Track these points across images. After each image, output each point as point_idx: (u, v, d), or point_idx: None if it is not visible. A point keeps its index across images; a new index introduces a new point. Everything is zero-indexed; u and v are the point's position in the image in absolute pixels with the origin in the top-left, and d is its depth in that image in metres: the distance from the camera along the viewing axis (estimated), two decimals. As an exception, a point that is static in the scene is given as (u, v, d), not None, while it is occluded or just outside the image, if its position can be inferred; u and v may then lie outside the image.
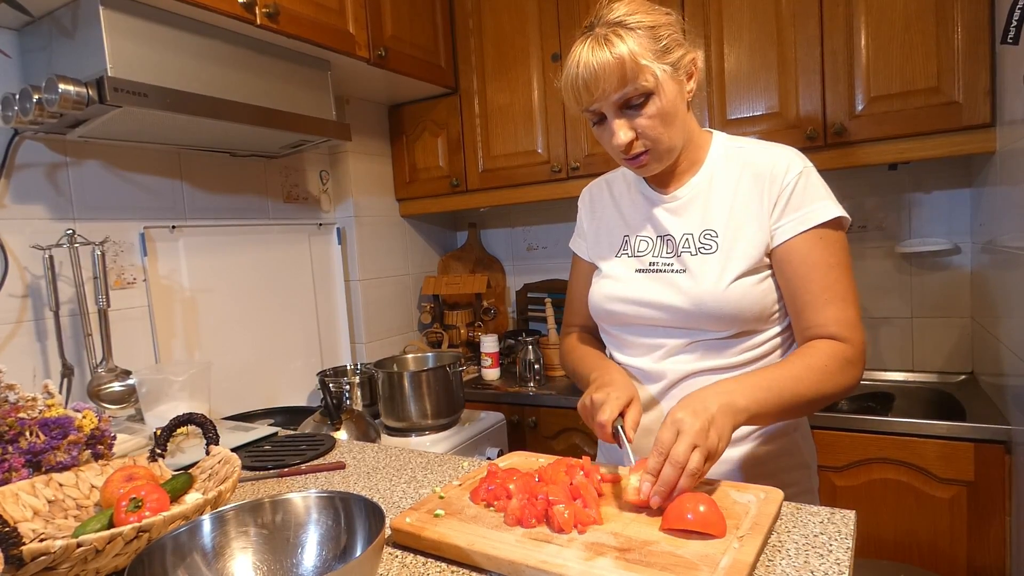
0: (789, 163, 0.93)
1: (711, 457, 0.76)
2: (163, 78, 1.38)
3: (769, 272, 0.95)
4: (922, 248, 1.89)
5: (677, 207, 1.00)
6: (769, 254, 0.94)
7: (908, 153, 1.64)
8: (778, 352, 0.99)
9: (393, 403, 1.77)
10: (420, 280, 2.60)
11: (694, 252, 0.96)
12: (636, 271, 1.01)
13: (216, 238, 1.83)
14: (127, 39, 1.33)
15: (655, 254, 1.00)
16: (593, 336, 1.17)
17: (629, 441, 0.84)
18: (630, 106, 0.90)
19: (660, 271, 0.98)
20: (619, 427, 0.86)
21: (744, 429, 0.97)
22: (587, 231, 1.14)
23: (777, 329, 0.97)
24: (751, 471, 0.97)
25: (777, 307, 0.96)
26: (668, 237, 0.99)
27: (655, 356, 1.00)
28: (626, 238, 1.05)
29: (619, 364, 1.05)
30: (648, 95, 0.89)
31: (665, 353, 0.99)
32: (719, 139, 1.02)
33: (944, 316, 1.92)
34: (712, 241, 0.95)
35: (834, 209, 0.91)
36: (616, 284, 1.02)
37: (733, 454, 0.98)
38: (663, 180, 1.02)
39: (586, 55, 0.88)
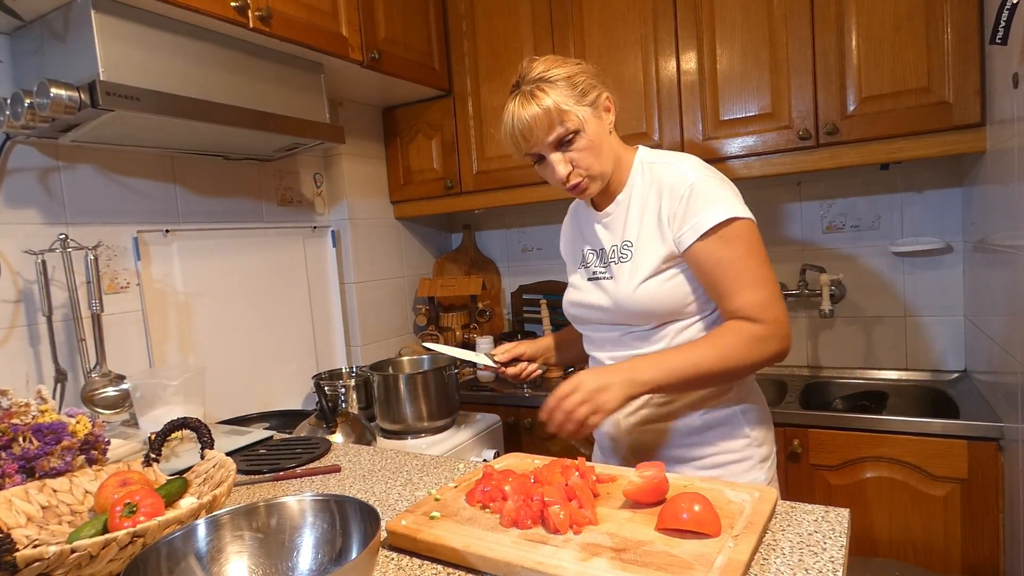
0: (682, 176, 1.05)
1: (598, 411, 0.94)
2: (155, 82, 1.38)
3: (677, 271, 1.07)
4: (914, 247, 1.90)
5: (608, 222, 1.16)
6: (683, 256, 1.06)
7: (900, 153, 1.65)
8: (703, 335, 1.09)
9: (389, 406, 1.77)
10: (415, 282, 2.60)
11: (617, 261, 1.13)
12: (588, 280, 1.19)
13: (210, 242, 1.83)
14: (119, 43, 1.33)
15: (596, 265, 1.18)
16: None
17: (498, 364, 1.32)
18: (562, 144, 1.05)
19: (598, 279, 1.16)
20: (487, 354, 1.33)
21: (687, 400, 1.11)
22: (564, 254, 1.35)
23: (697, 317, 1.10)
24: (689, 439, 1.12)
25: (691, 298, 1.08)
26: (603, 250, 1.17)
27: (603, 346, 1.19)
28: (583, 253, 1.23)
29: (590, 356, 1.25)
30: (576, 132, 1.04)
31: (608, 344, 1.17)
32: (640, 156, 1.15)
33: (937, 315, 1.93)
34: (628, 251, 1.11)
35: (723, 212, 1.00)
36: (574, 292, 1.22)
37: (672, 425, 1.13)
38: (599, 200, 1.19)
39: (518, 110, 1.05)
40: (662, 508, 0.74)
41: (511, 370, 1.33)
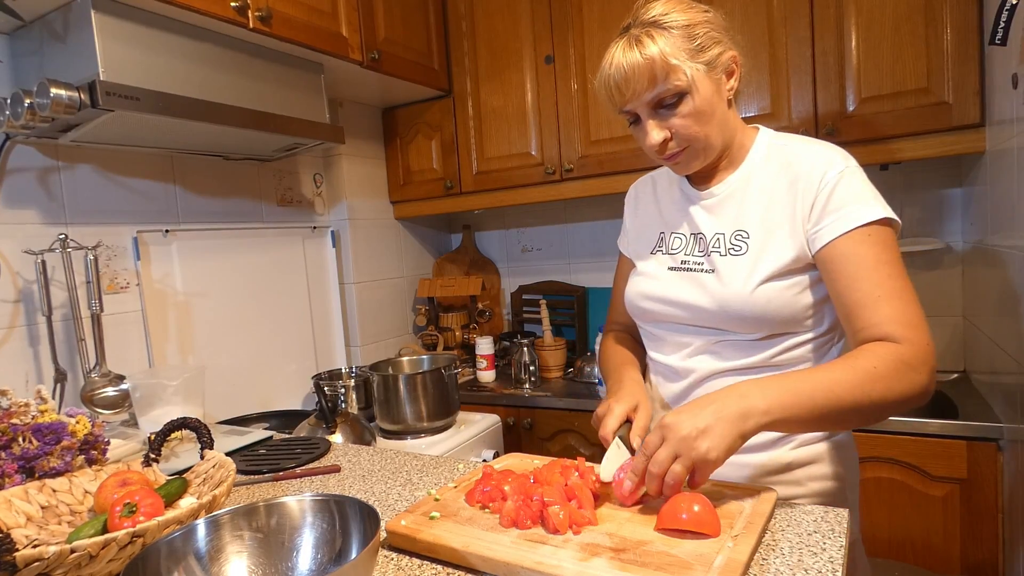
0: (829, 164, 0.89)
1: (698, 468, 0.74)
2: (155, 82, 1.38)
3: (803, 277, 0.90)
4: (914, 247, 1.90)
5: (712, 204, 0.98)
6: (813, 260, 0.89)
7: (899, 153, 1.65)
8: (811, 358, 0.94)
9: (388, 406, 1.77)
10: (415, 283, 2.60)
11: (723, 252, 0.94)
12: (668, 268, 1.01)
13: (210, 242, 1.83)
14: (119, 43, 1.33)
15: (687, 252, 0.99)
16: (631, 335, 1.17)
17: (631, 450, 0.85)
18: (664, 105, 0.89)
19: (690, 270, 0.97)
20: (620, 437, 0.86)
21: (769, 434, 0.92)
22: (629, 228, 1.14)
23: (811, 335, 0.93)
24: (773, 478, 0.94)
25: (811, 311, 0.91)
26: (700, 235, 0.98)
27: (683, 354, 0.99)
28: (662, 235, 1.05)
29: (652, 360, 1.06)
30: (681, 94, 0.88)
31: (692, 351, 0.98)
32: (763, 136, 0.99)
33: (936, 315, 1.93)
34: (743, 242, 0.93)
35: (880, 210, 0.85)
36: (649, 282, 1.02)
37: (753, 459, 0.94)
38: (703, 177, 1.01)
39: (618, 56, 0.88)
40: (661, 508, 0.74)
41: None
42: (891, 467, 1.54)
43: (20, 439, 0.94)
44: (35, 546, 0.73)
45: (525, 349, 2.16)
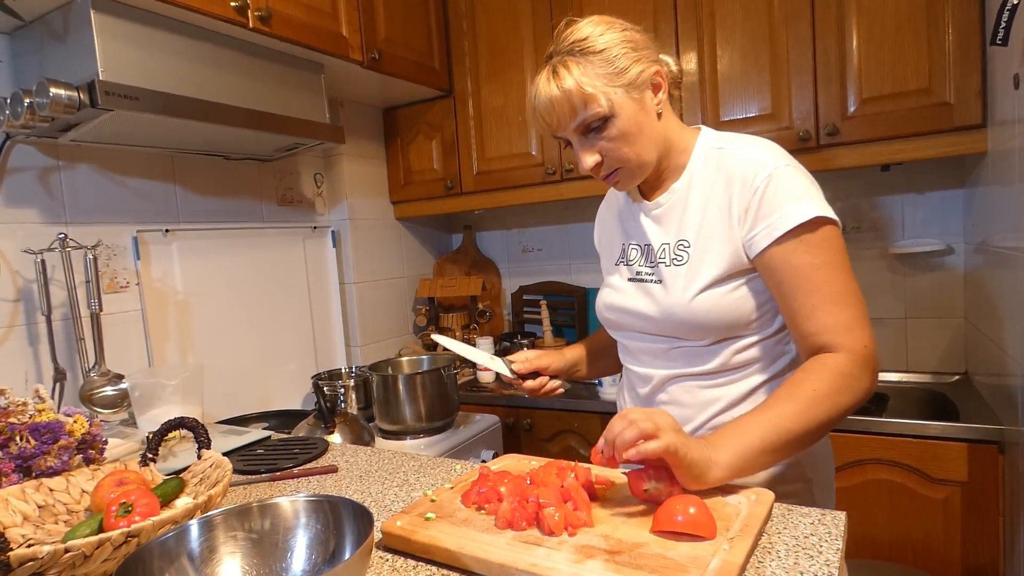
0: (759, 166, 0.89)
1: (650, 435, 0.73)
2: (155, 81, 1.38)
3: (744, 280, 0.92)
4: (915, 248, 1.90)
5: (659, 215, 1.00)
6: (751, 264, 0.91)
7: (900, 154, 1.64)
8: (765, 357, 0.96)
9: (387, 406, 1.77)
10: (415, 283, 2.60)
11: (668, 263, 0.97)
12: (628, 280, 1.04)
13: (210, 241, 1.83)
14: (118, 42, 1.33)
15: (640, 263, 1.02)
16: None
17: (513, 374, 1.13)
18: (591, 129, 0.91)
19: (643, 280, 1.01)
20: (504, 360, 1.13)
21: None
22: (600, 241, 1.18)
23: (759, 336, 0.95)
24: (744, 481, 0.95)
25: (756, 314, 0.93)
26: (649, 246, 1.01)
27: (643, 360, 1.04)
28: (623, 247, 1.07)
29: (625, 369, 1.10)
30: (605, 118, 0.89)
31: (651, 358, 1.03)
32: (703, 140, 0.99)
33: (938, 316, 1.93)
34: (684, 252, 0.95)
35: (809, 209, 0.84)
36: (612, 293, 1.06)
37: None
38: (648, 188, 1.03)
39: (542, 87, 0.91)
40: (657, 510, 0.74)
41: (530, 384, 1.13)
42: (891, 469, 1.53)
43: (17, 438, 0.94)
44: (30, 545, 0.73)
45: (525, 349, 2.15)
